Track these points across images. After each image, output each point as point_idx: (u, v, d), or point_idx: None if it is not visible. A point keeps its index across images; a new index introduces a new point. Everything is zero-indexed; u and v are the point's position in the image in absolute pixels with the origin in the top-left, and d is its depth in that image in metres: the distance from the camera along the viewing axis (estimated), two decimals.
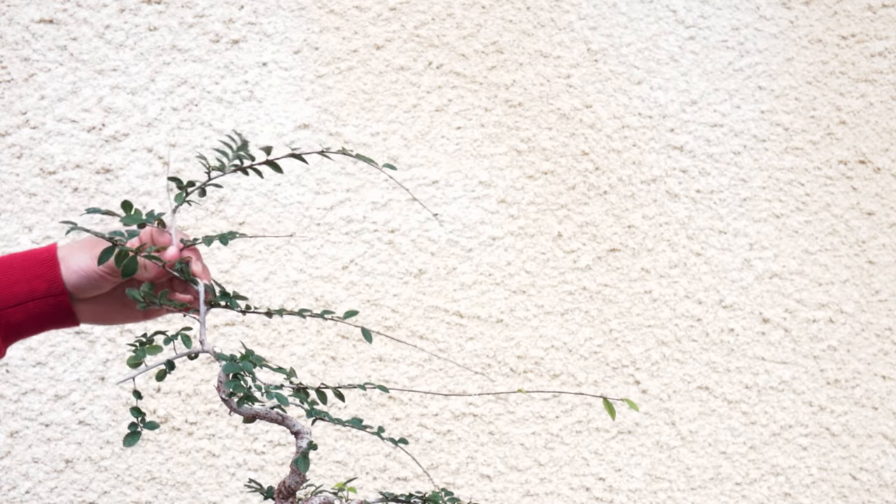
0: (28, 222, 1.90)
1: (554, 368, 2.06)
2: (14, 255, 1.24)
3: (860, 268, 2.18)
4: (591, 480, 2.07)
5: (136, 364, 1.09)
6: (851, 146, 2.18)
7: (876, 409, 2.18)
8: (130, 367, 1.08)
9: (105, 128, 1.94)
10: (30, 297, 1.21)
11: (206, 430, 1.94)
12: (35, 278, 1.22)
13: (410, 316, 2.01)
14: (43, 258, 1.22)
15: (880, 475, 2.17)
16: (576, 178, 2.08)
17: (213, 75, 1.97)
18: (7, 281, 1.21)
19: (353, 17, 2.03)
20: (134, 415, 1.13)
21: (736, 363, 2.13)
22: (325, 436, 1.97)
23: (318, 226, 1.99)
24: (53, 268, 1.22)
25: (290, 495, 1.15)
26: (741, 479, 2.12)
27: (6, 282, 1.21)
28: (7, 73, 1.92)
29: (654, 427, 2.09)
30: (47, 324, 1.24)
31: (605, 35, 2.11)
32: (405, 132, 2.03)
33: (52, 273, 1.21)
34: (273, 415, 1.12)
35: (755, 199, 2.14)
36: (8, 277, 1.21)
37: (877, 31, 2.20)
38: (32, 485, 1.89)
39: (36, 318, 1.22)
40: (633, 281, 2.10)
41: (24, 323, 1.22)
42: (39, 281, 1.21)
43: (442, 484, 2.00)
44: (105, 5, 1.95)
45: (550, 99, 2.08)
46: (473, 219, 2.04)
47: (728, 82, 2.15)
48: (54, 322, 1.24)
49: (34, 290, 1.21)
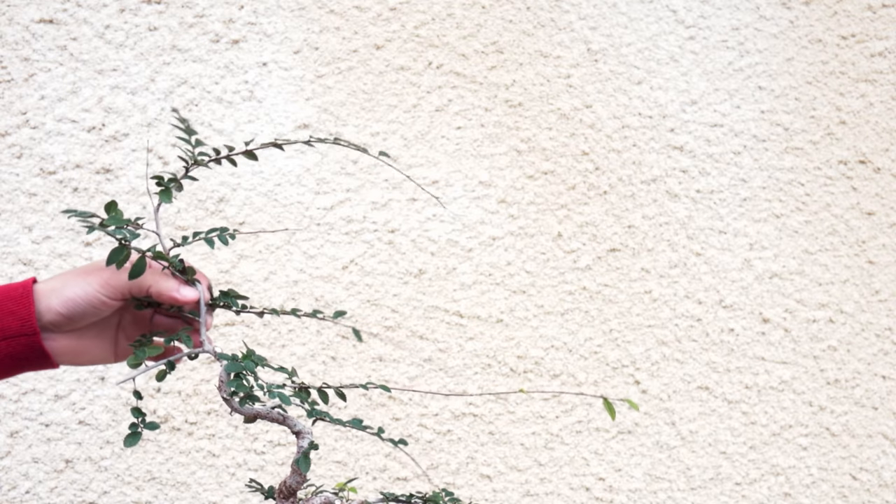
0: (28, 222, 1.90)
1: (554, 368, 2.06)
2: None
3: (860, 268, 2.18)
4: (591, 480, 2.07)
5: (137, 364, 1.09)
6: (851, 146, 2.19)
7: (876, 409, 2.18)
8: (130, 368, 1.08)
9: (105, 128, 1.94)
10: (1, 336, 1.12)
11: (206, 430, 1.94)
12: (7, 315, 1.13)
13: (410, 316, 2.01)
14: (16, 294, 1.13)
15: (880, 475, 2.17)
16: (576, 178, 2.08)
17: (213, 75, 1.97)
18: None
19: (353, 17, 2.03)
20: (134, 415, 1.13)
21: (736, 363, 2.13)
22: (325, 436, 1.97)
23: (318, 226, 1.99)
24: (28, 305, 1.13)
25: (290, 495, 1.15)
26: (741, 479, 2.12)
27: None
28: (7, 73, 1.92)
29: (654, 427, 2.09)
30: (20, 366, 1.15)
31: (605, 35, 2.11)
32: (405, 132, 2.03)
33: (25, 311, 1.13)
34: (274, 415, 1.12)
35: (755, 199, 2.14)
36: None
37: (877, 31, 2.20)
38: (32, 485, 1.89)
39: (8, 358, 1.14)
40: (633, 281, 2.10)
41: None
42: (11, 318, 1.13)
43: (442, 484, 2.00)
44: (105, 5, 1.95)
45: (550, 99, 2.08)
46: (473, 219, 2.04)
47: (728, 82, 2.15)
48: (28, 364, 1.15)
49: (5, 328, 1.12)
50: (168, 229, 1.95)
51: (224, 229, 1.17)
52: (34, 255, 1.90)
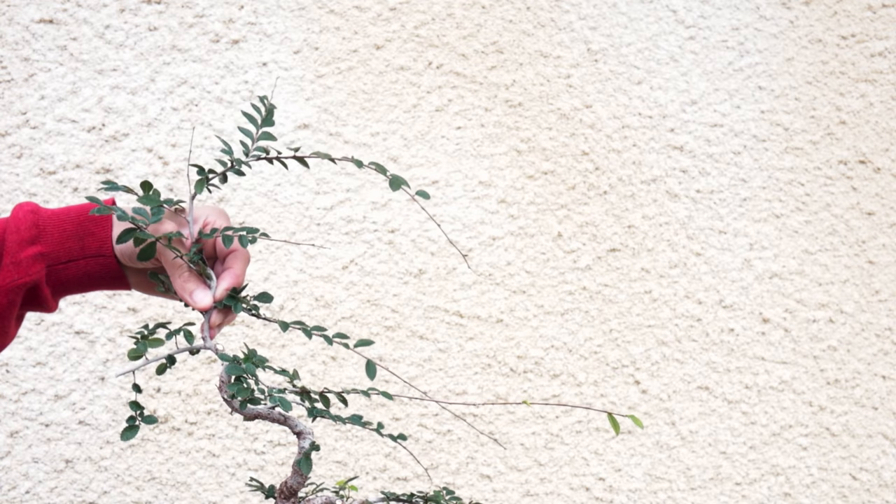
0: None
1: (554, 368, 2.06)
2: (70, 207, 1.20)
3: (860, 268, 2.18)
4: (591, 480, 2.07)
5: (137, 357, 1.08)
6: (851, 146, 2.19)
7: (876, 409, 2.18)
8: (131, 360, 1.07)
9: (105, 128, 1.94)
10: (81, 255, 1.17)
11: (206, 430, 1.94)
12: (87, 235, 1.18)
13: (410, 316, 2.01)
14: (99, 216, 1.18)
15: (880, 475, 2.17)
16: (576, 178, 2.08)
17: (213, 75, 1.97)
18: (60, 236, 1.17)
19: (353, 17, 2.03)
20: (132, 408, 1.12)
21: (736, 363, 2.13)
22: (325, 436, 1.97)
23: (318, 226, 1.99)
24: (106, 227, 1.18)
25: (291, 496, 1.15)
26: (741, 479, 2.12)
27: (59, 237, 1.17)
28: (7, 73, 1.92)
29: (654, 427, 2.09)
30: (97, 283, 1.20)
31: (605, 35, 2.11)
32: (405, 132, 2.03)
33: (104, 232, 1.18)
34: (275, 415, 1.11)
35: (755, 199, 2.15)
36: (61, 232, 1.17)
37: (877, 31, 2.20)
38: (32, 485, 1.89)
39: (86, 276, 1.18)
40: (633, 281, 2.10)
41: (74, 280, 1.18)
42: (91, 239, 1.18)
43: (442, 484, 2.00)
44: (105, 5, 1.95)
45: (550, 99, 2.08)
46: (473, 219, 2.04)
47: (728, 82, 2.15)
48: (104, 283, 1.20)
49: (86, 247, 1.18)
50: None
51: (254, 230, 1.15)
52: None
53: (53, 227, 1.18)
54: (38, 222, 1.18)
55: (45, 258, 1.17)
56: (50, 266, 1.17)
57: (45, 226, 1.18)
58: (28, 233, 1.17)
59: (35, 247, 1.17)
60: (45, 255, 1.17)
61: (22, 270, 1.16)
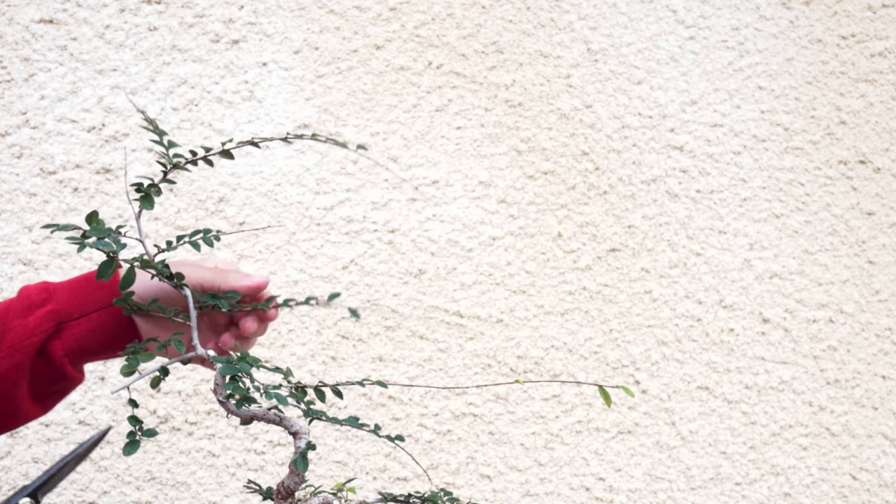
0: (28, 222, 1.91)
1: (554, 368, 2.06)
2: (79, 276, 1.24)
3: (860, 268, 2.18)
4: (591, 480, 2.07)
5: (130, 372, 1.09)
6: (851, 146, 2.18)
7: (876, 409, 2.18)
8: (123, 376, 1.08)
9: (105, 128, 1.94)
10: (94, 307, 1.20)
11: (206, 430, 1.94)
12: (97, 288, 1.21)
13: (410, 316, 2.01)
14: None
15: (880, 475, 2.17)
16: (576, 178, 2.08)
17: (213, 75, 1.98)
18: (70, 294, 1.21)
19: (353, 17, 2.03)
20: (132, 423, 1.12)
21: (736, 363, 2.13)
22: (324, 436, 1.97)
23: (318, 226, 1.99)
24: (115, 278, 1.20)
25: (289, 496, 1.15)
26: (741, 479, 2.12)
27: (69, 295, 1.21)
28: (7, 73, 1.92)
29: (654, 427, 2.09)
30: (111, 338, 1.22)
31: (605, 35, 2.11)
32: (405, 132, 2.03)
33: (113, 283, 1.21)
34: (271, 415, 1.11)
35: (755, 199, 2.14)
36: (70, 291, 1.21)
37: (877, 31, 2.20)
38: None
39: (99, 330, 1.21)
40: (633, 281, 2.10)
41: (88, 337, 1.20)
42: (102, 290, 1.21)
43: (442, 484, 2.00)
44: (105, 5, 1.95)
45: (550, 99, 2.08)
46: (473, 219, 2.04)
47: (728, 82, 2.15)
48: (118, 336, 1.22)
49: (97, 299, 1.21)
50: (168, 230, 1.96)
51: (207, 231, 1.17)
52: (34, 255, 1.90)
53: (63, 288, 1.22)
54: (47, 287, 1.22)
55: (56, 315, 1.20)
56: (62, 323, 1.20)
57: (55, 289, 1.22)
58: (38, 297, 1.20)
59: (45, 307, 1.20)
60: (56, 312, 1.20)
61: (30, 329, 1.19)
